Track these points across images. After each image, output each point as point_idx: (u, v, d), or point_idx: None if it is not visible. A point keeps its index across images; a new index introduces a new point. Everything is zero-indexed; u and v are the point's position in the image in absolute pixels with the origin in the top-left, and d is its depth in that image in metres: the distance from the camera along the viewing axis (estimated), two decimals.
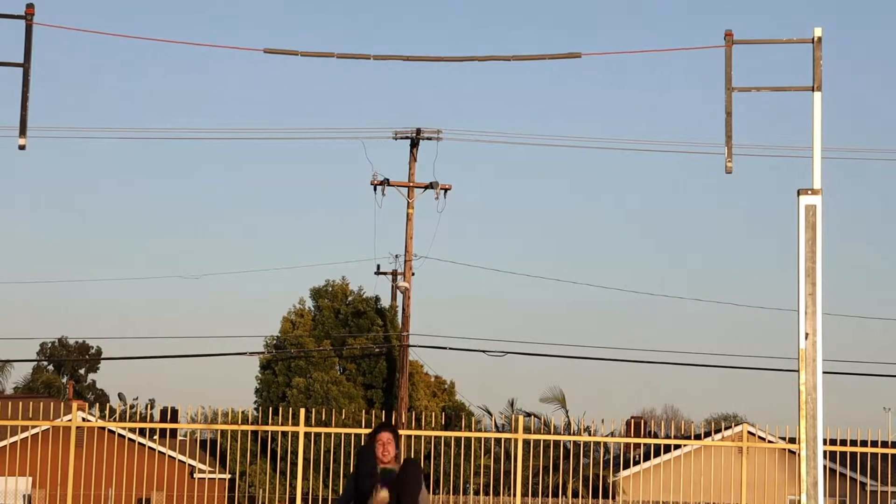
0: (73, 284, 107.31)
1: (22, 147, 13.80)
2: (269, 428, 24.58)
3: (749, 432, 35.55)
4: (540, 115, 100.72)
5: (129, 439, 40.86)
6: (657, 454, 38.45)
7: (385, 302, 48.63)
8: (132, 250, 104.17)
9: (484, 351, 39.87)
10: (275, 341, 47.38)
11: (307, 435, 23.58)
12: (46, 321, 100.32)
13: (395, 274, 49.92)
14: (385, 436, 12.47)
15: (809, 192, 11.16)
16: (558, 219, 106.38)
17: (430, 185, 44.70)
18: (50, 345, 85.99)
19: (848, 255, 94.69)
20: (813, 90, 11.78)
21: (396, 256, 47.75)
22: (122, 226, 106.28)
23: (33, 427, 33.59)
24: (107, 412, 25.62)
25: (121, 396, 66.46)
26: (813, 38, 13.08)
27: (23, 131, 13.77)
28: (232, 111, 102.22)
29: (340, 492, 29.43)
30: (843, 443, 24.65)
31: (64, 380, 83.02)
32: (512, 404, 48.19)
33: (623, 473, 41.50)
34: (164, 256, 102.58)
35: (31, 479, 34.14)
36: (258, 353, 46.84)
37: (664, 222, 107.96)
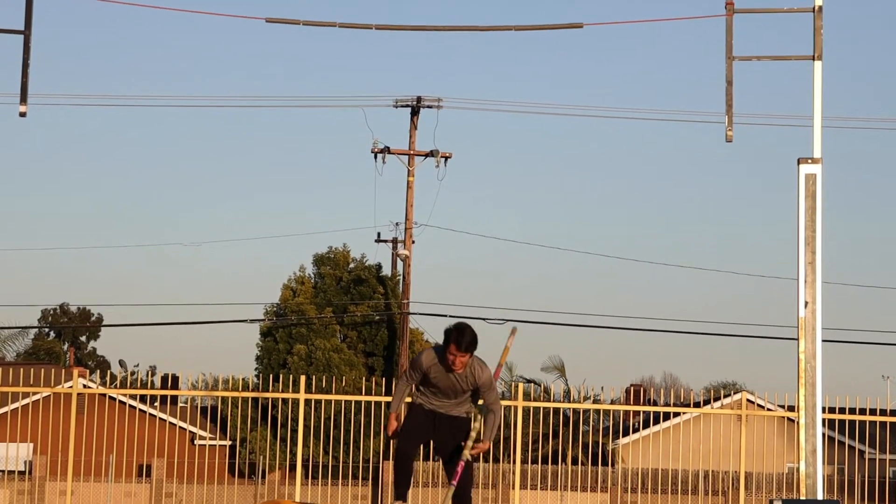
0: (74, 251, 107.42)
1: (23, 114, 13.83)
2: (270, 395, 24.66)
3: (748, 400, 35.52)
4: (540, 85, 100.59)
5: (130, 406, 40.99)
6: (656, 422, 38.53)
7: (386, 270, 48.72)
8: (133, 216, 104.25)
9: (484, 319, 39.89)
10: (275, 309, 47.47)
11: (307, 402, 23.66)
12: (47, 288, 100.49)
13: (395, 242, 49.96)
14: (459, 353, 11.38)
15: (809, 160, 11.19)
16: (558, 187, 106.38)
17: (431, 154, 44.71)
18: (51, 311, 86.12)
19: (848, 223, 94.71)
20: (813, 59, 11.80)
21: (397, 224, 47.80)
22: (122, 193, 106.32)
23: (34, 394, 33.69)
24: (107, 379, 25.69)
25: (122, 363, 66.56)
26: (813, 7, 13.09)
27: (23, 99, 13.80)
28: (234, 79, 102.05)
29: (341, 458, 29.64)
30: (842, 411, 24.75)
31: (65, 347, 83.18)
32: (511, 371, 48.33)
33: (622, 441, 41.65)
34: (165, 224, 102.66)
35: (31, 445, 34.23)
36: (259, 320, 46.94)
37: (664, 191, 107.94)
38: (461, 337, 11.38)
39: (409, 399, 12.17)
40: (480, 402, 11.91)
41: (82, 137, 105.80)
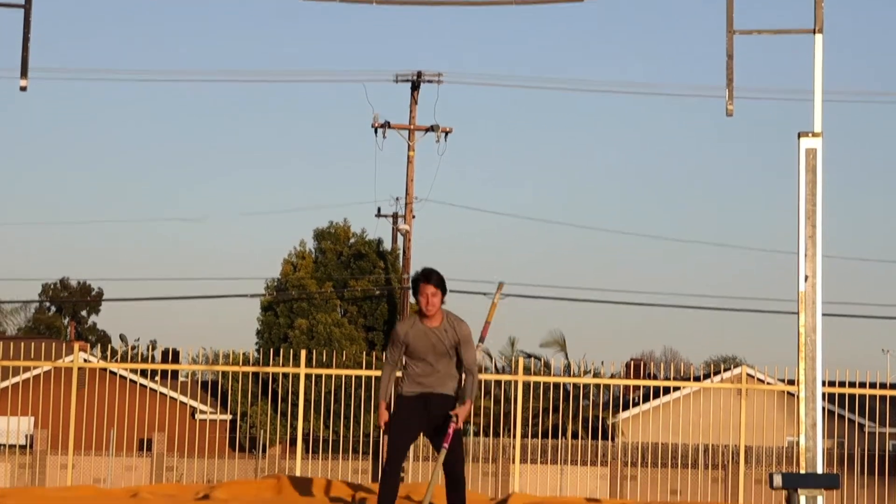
0: (74, 226, 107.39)
1: (23, 88, 13.82)
2: (270, 369, 24.69)
3: (748, 374, 35.68)
4: (541, 60, 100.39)
5: (131, 381, 41.04)
6: (657, 396, 38.58)
7: (386, 244, 48.73)
8: (134, 191, 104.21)
9: (484, 293, 39.94)
10: (276, 283, 47.50)
11: (308, 376, 23.68)
12: (48, 262, 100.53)
13: (395, 216, 49.96)
14: (430, 289, 11.51)
15: (810, 135, 11.18)
16: (559, 162, 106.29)
17: (431, 128, 44.70)
18: (51, 286, 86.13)
19: (848, 197, 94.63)
20: (814, 32, 11.78)
21: (397, 199, 47.80)
22: (123, 167, 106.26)
23: (35, 368, 33.77)
24: (108, 353, 25.69)
25: (122, 338, 66.57)
26: None
27: (24, 73, 13.78)
28: (233, 54, 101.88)
29: (341, 432, 29.71)
30: (842, 384, 24.77)
31: (65, 321, 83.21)
32: (513, 345, 48.38)
33: (622, 415, 41.72)
34: (166, 198, 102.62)
35: (33, 419, 34.31)
36: (259, 295, 46.98)
37: (665, 165, 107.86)
38: (428, 274, 11.54)
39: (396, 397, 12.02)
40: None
41: (83, 112, 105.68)
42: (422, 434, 11.69)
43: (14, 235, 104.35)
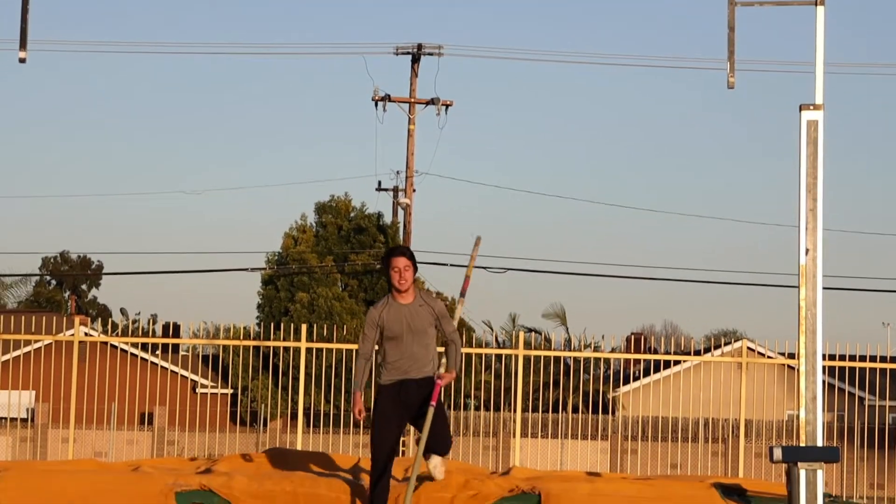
0: (75, 199, 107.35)
1: (22, 60, 13.76)
2: (271, 343, 24.69)
3: (748, 348, 35.60)
4: (542, 32, 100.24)
5: (132, 354, 41.06)
6: (657, 370, 38.66)
7: (387, 218, 48.72)
8: (134, 165, 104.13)
9: (485, 267, 39.90)
10: (277, 257, 47.49)
11: (309, 350, 23.68)
12: (48, 236, 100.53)
13: (396, 190, 49.93)
14: (402, 262, 11.20)
15: (811, 107, 11.14)
16: (559, 135, 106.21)
17: (432, 101, 44.61)
18: (52, 259, 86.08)
19: (849, 170, 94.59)
20: (815, 4, 11.73)
21: (398, 173, 47.77)
22: (123, 140, 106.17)
23: (36, 342, 33.78)
24: (109, 327, 25.68)
25: (123, 312, 66.63)
26: None
27: (23, 44, 13.73)
28: (233, 26, 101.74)
29: (342, 406, 29.69)
30: (843, 358, 24.78)
31: (66, 295, 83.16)
32: (514, 320, 48.39)
33: (623, 389, 41.77)
34: (167, 172, 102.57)
35: (34, 392, 34.35)
36: (260, 268, 46.98)
37: (665, 138, 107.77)
38: (396, 248, 11.46)
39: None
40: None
41: (83, 85, 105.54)
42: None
43: (14, 208, 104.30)
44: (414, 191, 44.72)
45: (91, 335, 31.99)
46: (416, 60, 44.68)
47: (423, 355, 11.24)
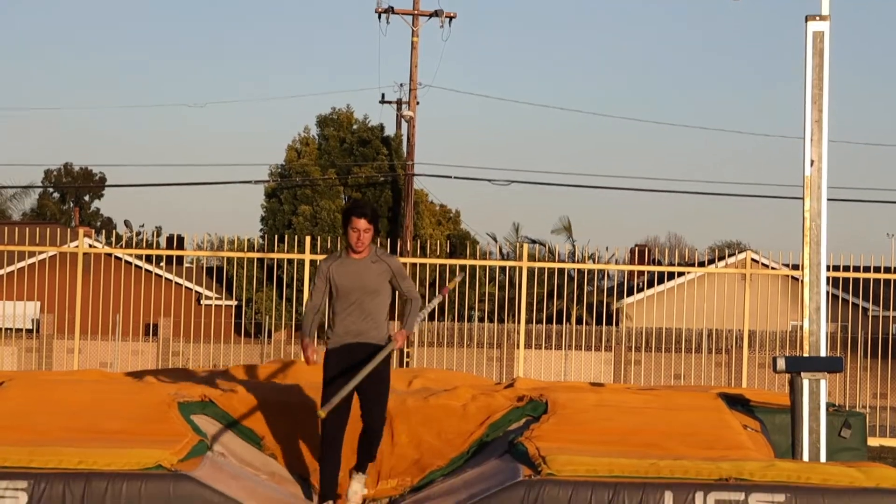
0: (77, 111, 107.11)
1: None
2: (275, 255, 24.74)
3: (752, 259, 35.67)
4: None
5: (136, 266, 41.18)
6: (661, 282, 38.67)
7: (390, 131, 48.58)
8: (136, 77, 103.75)
9: (489, 180, 39.90)
10: (280, 170, 47.43)
11: (312, 262, 23.73)
12: (50, 148, 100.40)
13: (399, 103, 49.79)
14: (362, 223, 10.39)
15: (817, 18, 11.06)
16: (563, 47, 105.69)
17: (435, 13, 44.38)
18: (54, 172, 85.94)
19: (855, 82, 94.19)
20: None
21: (401, 85, 47.63)
22: (126, 52, 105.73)
23: (40, 253, 33.81)
24: (113, 239, 25.70)
25: (127, 224, 66.60)
26: None
27: None
28: None
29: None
30: (846, 269, 24.82)
31: (69, 206, 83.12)
32: (517, 230, 48.42)
33: (627, 300, 41.83)
34: (169, 84, 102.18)
35: (38, 304, 34.44)
36: (263, 181, 46.95)
37: (671, 50, 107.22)
38: (361, 207, 10.50)
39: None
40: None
41: None
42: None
43: (16, 121, 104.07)
44: (417, 103, 44.57)
45: (95, 247, 32.04)
46: None
47: (375, 318, 10.48)
